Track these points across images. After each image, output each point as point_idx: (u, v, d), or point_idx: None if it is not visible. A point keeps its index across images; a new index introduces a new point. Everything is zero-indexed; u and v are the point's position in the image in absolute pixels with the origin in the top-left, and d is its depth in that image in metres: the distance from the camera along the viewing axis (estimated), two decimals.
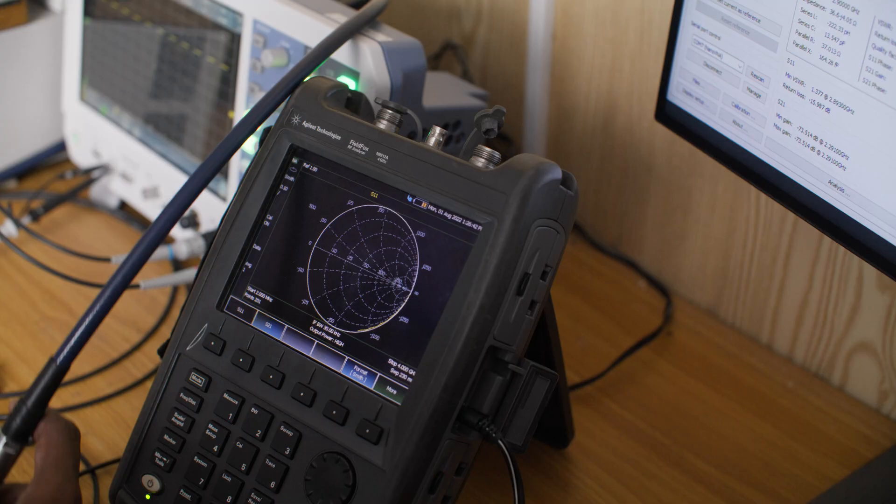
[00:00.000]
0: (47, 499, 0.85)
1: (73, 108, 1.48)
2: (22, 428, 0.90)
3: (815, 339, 1.25)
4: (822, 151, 0.94)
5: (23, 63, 1.48)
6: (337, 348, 0.92)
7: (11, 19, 1.46)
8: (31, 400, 0.90)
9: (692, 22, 1.04)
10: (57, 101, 1.52)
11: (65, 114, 1.50)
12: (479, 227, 0.88)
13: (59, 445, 0.88)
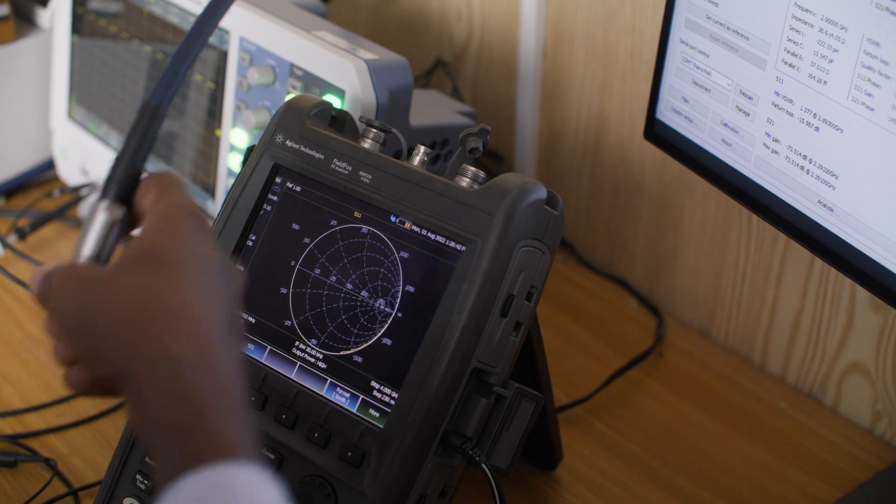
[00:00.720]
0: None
1: (61, 126, 1.47)
2: (124, 186, 0.74)
3: (808, 359, 1.24)
4: (811, 171, 0.93)
5: (10, 80, 1.48)
6: (319, 370, 0.91)
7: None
8: (128, 150, 0.75)
9: (681, 40, 1.03)
10: (45, 119, 1.51)
11: (53, 131, 1.49)
12: (463, 247, 0.87)
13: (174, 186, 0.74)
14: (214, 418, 0.63)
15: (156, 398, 0.64)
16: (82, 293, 0.67)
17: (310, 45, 1.10)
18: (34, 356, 1.26)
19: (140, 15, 1.32)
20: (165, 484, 0.62)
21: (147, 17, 1.31)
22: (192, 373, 0.64)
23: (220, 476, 0.61)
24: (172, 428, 0.63)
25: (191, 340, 0.65)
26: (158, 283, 0.67)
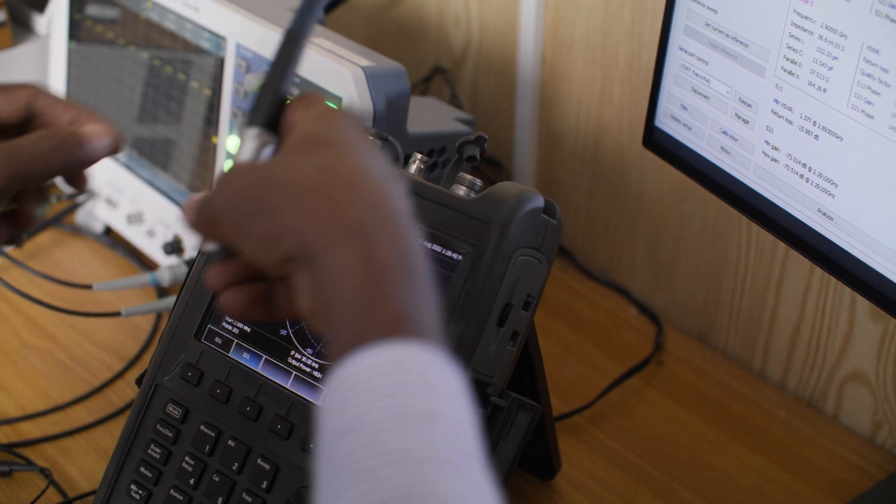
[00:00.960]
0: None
1: None
2: (271, 112, 0.72)
3: (808, 367, 1.23)
4: (810, 179, 0.92)
5: None
6: (315, 380, 0.90)
7: None
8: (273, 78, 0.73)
9: (680, 47, 1.02)
10: None
11: None
12: (459, 256, 0.86)
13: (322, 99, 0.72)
14: (395, 291, 0.61)
15: (336, 268, 0.61)
16: (252, 178, 0.66)
17: (307, 53, 1.09)
18: (30, 364, 1.26)
19: (137, 21, 1.31)
20: (336, 360, 0.60)
21: (144, 24, 1.30)
22: (375, 239, 0.62)
23: (395, 353, 0.59)
24: (350, 301, 0.61)
25: (373, 208, 0.63)
26: (331, 158, 0.66)
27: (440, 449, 0.58)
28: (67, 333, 1.30)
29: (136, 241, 1.39)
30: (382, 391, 0.58)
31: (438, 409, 0.59)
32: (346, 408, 0.59)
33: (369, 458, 0.57)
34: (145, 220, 1.36)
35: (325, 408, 0.60)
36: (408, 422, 0.57)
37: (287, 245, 0.63)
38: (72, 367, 1.26)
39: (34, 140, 0.81)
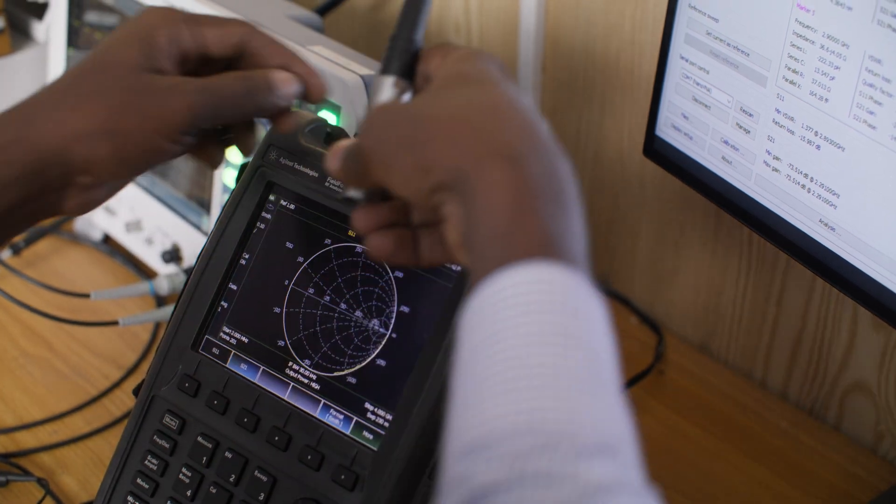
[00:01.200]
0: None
1: None
2: (405, 60, 0.75)
3: (810, 378, 1.22)
4: (812, 189, 0.91)
5: (6, 94, 1.46)
6: (313, 391, 0.90)
7: None
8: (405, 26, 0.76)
9: (680, 55, 1.01)
10: None
11: None
12: (458, 267, 0.86)
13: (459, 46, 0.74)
14: (544, 214, 0.61)
15: (487, 191, 0.62)
16: (403, 113, 0.68)
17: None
18: (27, 373, 1.25)
19: None
20: (480, 279, 0.61)
21: None
22: (527, 164, 0.63)
23: (541, 273, 0.60)
24: (499, 222, 0.61)
25: (524, 135, 0.64)
26: (480, 92, 0.67)
27: (577, 369, 0.58)
28: (65, 342, 1.29)
29: (134, 250, 1.38)
30: (525, 308, 0.59)
31: (579, 332, 0.59)
32: (488, 322, 0.59)
33: (506, 372, 0.58)
34: (144, 227, 1.35)
35: (465, 323, 0.61)
36: (548, 340, 0.58)
37: (439, 173, 0.64)
38: (69, 377, 1.25)
39: (228, 82, 0.81)
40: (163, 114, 0.78)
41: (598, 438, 0.57)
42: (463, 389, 0.61)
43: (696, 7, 0.98)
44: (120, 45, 0.80)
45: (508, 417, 0.57)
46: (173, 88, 0.78)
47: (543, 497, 0.55)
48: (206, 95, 0.79)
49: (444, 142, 0.65)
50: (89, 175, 0.78)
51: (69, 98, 0.78)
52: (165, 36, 0.80)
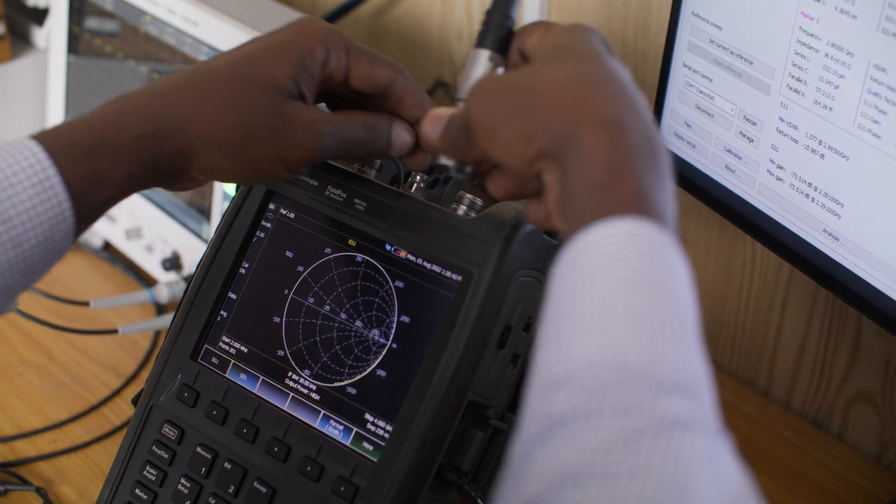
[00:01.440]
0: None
1: None
2: (501, 34, 0.78)
3: (813, 387, 1.21)
4: (816, 199, 0.91)
5: (6, 100, 1.46)
6: (312, 402, 0.89)
7: None
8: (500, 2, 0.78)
9: (683, 63, 1.01)
10: None
11: None
12: (459, 277, 0.85)
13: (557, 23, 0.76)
14: (638, 174, 0.64)
15: (585, 152, 0.65)
16: (508, 83, 0.70)
17: None
18: (27, 381, 1.25)
19: (136, 35, 1.30)
20: (577, 222, 0.64)
21: (143, 37, 1.29)
22: (624, 129, 0.65)
23: (633, 226, 0.62)
24: (594, 179, 0.64)
25: (623, 103, 0.67)
26: (582, 63, 0.70)
27: (660, 315, 0.61)
28: (65, 350, 1.29)
29: (134, 257, 1.38)
30: (615, 257, 0.62)
31: (663, 282, 0.62)
32: (577, 270, 0.63)
33: (592, 314, 0.61)
34: (144, 235, 1.35)
35: (555, 273, 0.65)
36: (633, 286, 0.61)
37: (541, 140, 0.67)
38: (69, 385, 1.24)
39: (356, 127, 0.82)
40: (292, 146, 0.79)
41: (678, 378, 0.59)
42: (548, 332, 0.63)
43: (699, 14, 0.98)
44: (272, 61, 0.80)
45: (591, 354, 0.60)
46: (309, 126, 0.79)
47: (620, 425, 0.57)
48: (335, 138, 0.81)
49: (547, 109, 0.67)
50: (203, 174, 0.80)
51: (209, 104, 0.79)
52: (319, 60, 0.81)
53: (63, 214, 0.74)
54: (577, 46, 0.71)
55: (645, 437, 0.57)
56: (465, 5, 1.43)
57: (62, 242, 0.75)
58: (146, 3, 1.27)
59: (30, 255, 0.73)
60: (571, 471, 0.57)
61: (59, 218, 0.74)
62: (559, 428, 0.59)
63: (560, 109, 0.67)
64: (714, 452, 0.58)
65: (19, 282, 0.74)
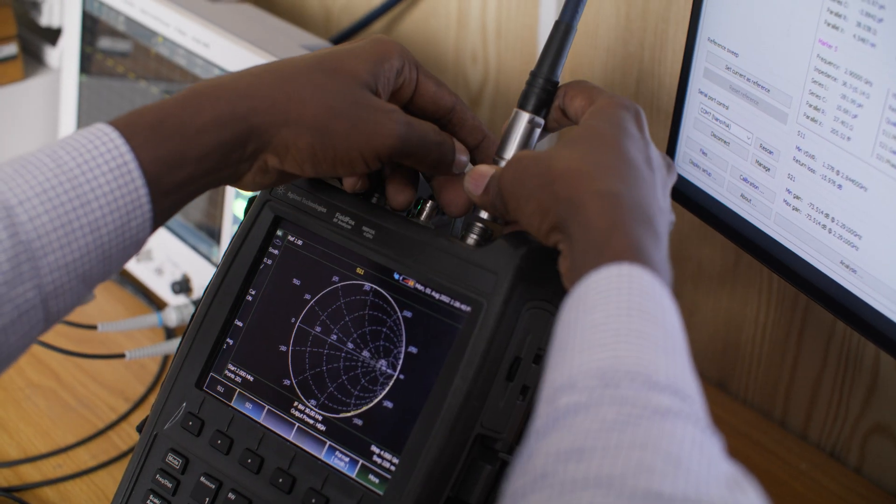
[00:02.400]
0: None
1: None
2: (542, 97, 0.87)
3: (830, 418, 1.19)
4: (833, 230, 0.89)
5: (19, 119, 1.45)
6: (318, 432, 0.88)
7: (7, 75, 1.43)
8: (546, 64, 0.88)
9: (699, 90, 0.99)
10: None
11: None
12: (468, 308, 0.83)
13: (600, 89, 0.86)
14: (633, 232, 0.72)
15: (589, 221, 0.73)
16: (536, 165, 0.78)
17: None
18: (34, 404, 1.23)
19: (147, 55, 1.29)
20: (578, 276, 0.71)
21: (154, 58, 1.28)
22: (623, 200, 0.73)
23: (627, 270, 0.69)
24: (594, 239, 0.72)
25: (628, 180, 0.76)
26: (602, 149, 0.78)
27: (654, 336, 0.67)
28: (73, 373, 1.28)
29: (144, 279, 1.36)
30: (616, 292, 0.69)
31: (656, 312, 0.69)
32: (577, 306, 0.70)
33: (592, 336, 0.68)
34: (154, 257, 1.33)
35: (559, 316, 0.71)
36: (632, 313, 0.68)
37: (553, 215, 0.75)
38: (76, 408, 1.23)
39: (430, 131, 0.84)
40: (371, 133, 0.81)
41: (670, 381, 0.65)
42: (553, 359, 0.70)
43: (715, 41, 0.96)
44: (354, 58, 0.83)
45: (591, 363, 0.66)
46: (389, 114, 0.82)
47: (618, 411, 0.64)
48: (412, 133, 0.82)
49: (561, 188, 0.75)
50: (278, 159, 0.80)
51: (292, 86, 0.80)
52: (395, 68, 0.85)
53: (140, 200, 0.74)
54: (601, 129, 0.80)
55: (641, 420, 0.63)
56: (480, 27, 1.41)
57: (139, 231, 0.75)
58: (158, 24, 1.26)
59: (107, 240, 0.73)
60: (576, 447, 0.63)
61: (136, 204, 0.74)
62: (563, 419, 0.65)
63: (568, 187, 0.75)
64: (705, 443, 0.63)
65: (97, 269, 0.74)
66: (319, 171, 0.81)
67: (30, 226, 0.70)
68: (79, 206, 0.72)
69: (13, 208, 0.70)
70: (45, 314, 0.73)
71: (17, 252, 0.70)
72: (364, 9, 1.57)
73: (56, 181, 0.71)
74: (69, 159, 0.72)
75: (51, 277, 0.71)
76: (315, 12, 1.66)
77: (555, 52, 0.87)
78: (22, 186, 0.71)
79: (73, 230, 0.72)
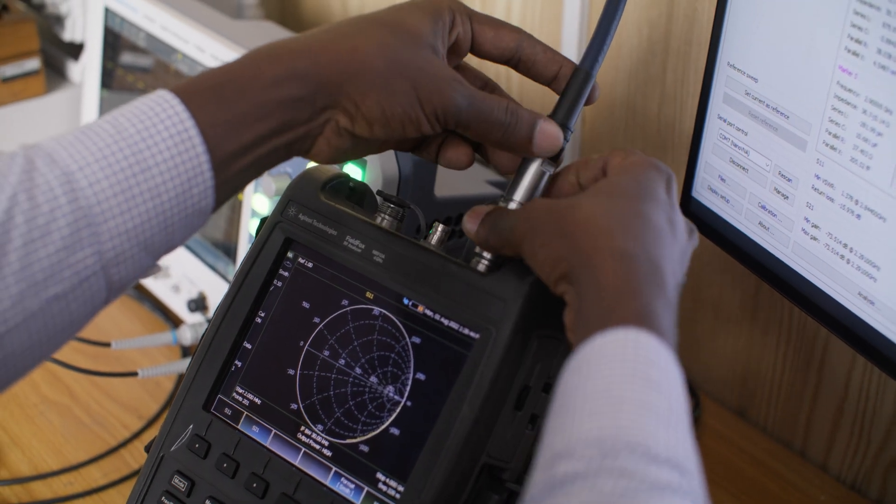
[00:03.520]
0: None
1: None
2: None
3: (851, 450, 1.17)
4: (851, 260, 0.87)
5: (40, 133, 1.45)
6: (324, 458, 0.86)
7: (30, 90, 1.43)
8: (562, 110, 0.85)
9: (718, 115, 0.98)
10: None
11: None
12: (477, 335, 0.82)
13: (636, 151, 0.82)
14: (646, 298, 0.70)
15: (601, 281, 0.71)
16: (555, 213, 0.77)
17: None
18: (47, 420, 1.23)
19: (167, 72, 1.29)
20: (585, 336, 0.70)
21: (174, 75, 1.28)
22: (638, 263, 0.72)
23: (632, 334, 0.68)
24: (604, 302, 0.71)
25: (645, 241, 0.74)
26: (622, 202, 0.76)
27: (655, 406, 0.66)
28: (87, 389, 1.27)
29: (161, 296, 1.36)
30: (621, 358, 0.68)
31: (659, 380, 0.67)
32: (581, 369, 0.68)
33: (593, 403, 0.66)
34: (171, 274, 1.33)
35: (562, 377, 0.70)
36: (636, 381, 0.67)
37: (564, 265, 0.74)
38: (89, 426, 1.23)
39: (494, 106, 0.82)
40: (430, 97, 0.79)
41: (669, 455, 0.64)
42: (552, 423, 0.68)
43: (734, 66, 0.95)
44: (413, 15, 0.82)
45: (591, 432, 0.65)
46: (450, 83, 0.80)
47: (615, 484, 0.62)
48: (473, 108, 0.81)
49: (576, 239, 0.74)
50: (349, 119, 0.78)
51: (355, 42, 0.79)
52: (448, 21, 0.83)
53: (201, 167, 0.73)
54: (628, 187, 0.78)
55: (639, 494, 0.62)
56: None
57: (200, 198, 0.74)
58: (177, 41, 1.26)
59: (168, 207, 0.72)
60: None
61: (198, 170, 0.73)
62: (560, 488, 0.64)
63: (584, 240, 0.74)
64: None
65: (159, 237, 0.73)
66: (389, 132, 0.80)
67: (90, 191, 0.70)
68: (139, 171, 0.71)
69: (73, 174, 0.69)
70: (106, 282, 0.72)
71: (77, 217, 0.69)
72: None
73: (116, 147, 0.71)
74: (129, 126, 0.72)
75: (111, 244, 0.71)
76: None
77: (571, 100, 0.85)
78: (82, 153, 0.70)
79: (133, 196, 0.71)
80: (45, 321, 0.70)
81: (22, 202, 0.68)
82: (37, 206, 0.68)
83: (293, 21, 1.75)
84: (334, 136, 0.79)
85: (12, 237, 0.67)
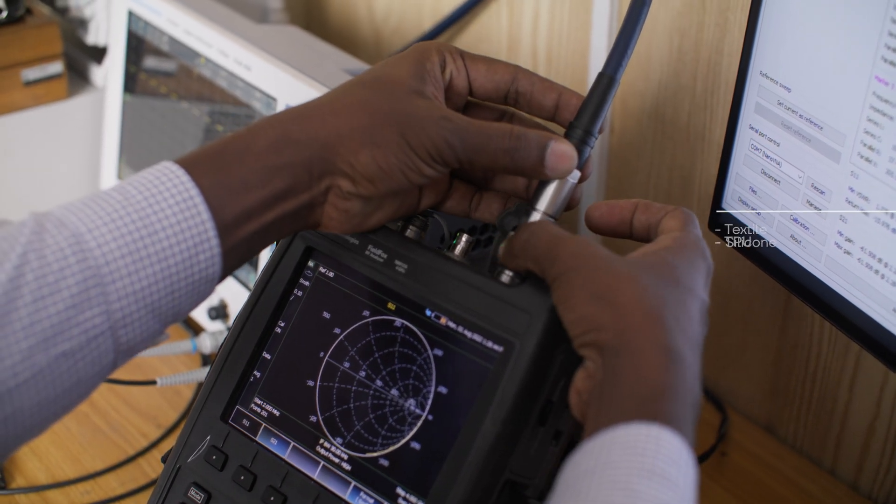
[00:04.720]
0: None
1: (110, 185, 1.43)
2: (581, 150, 0.84)
3: (883, 469, 1.15)
4: (886, 276, 0.85)
5: (63, 137, 1.44)
6: (343, 472, 0.85)
7: (52, 93, 1.42)
8: (585, 116, 0.84)
9: (750, 125, 0.95)
10: (94, 179, 1.47)
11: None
12: (500, 348, 0.80)
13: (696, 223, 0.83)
14: (682, 401, 0.70)
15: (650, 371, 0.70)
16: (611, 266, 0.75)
17: None
18: (65, 427, 1.22)
19: (190, 76, 1.27)
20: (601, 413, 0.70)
21: (196, 79, 1.26)
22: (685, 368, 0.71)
23: (652, 430, 0.68)
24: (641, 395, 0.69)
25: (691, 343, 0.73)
26: (674, 291, 0.75)
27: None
28: (106, 396, 1.26)
29: None
30: (641, 451, 0.67)
31: (677, 478, 0.67)
32: (605, 452, 0.68)
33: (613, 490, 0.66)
34: None
35: (574, 458, 0.70)
36: (654, 476, 0.66)
37: (605, 335, 0.72)
38: (107, 433, 1.21)
39: (494, 134, 0.80)
40: (420, 139, 0.78)
41: None
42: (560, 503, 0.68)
43: (767, 75, 0.92)
44: (394, 66, 0.83)
45: None
46: (437, 121, 0.79)
47: None
48: (465, 140, 0.79)
49: (622, 316, 0.72)
50: (350, 181, 0.79)
51: (337, 104, 0.80)
52: (437, 63, 0.84)
53: (206, 234, 0.74)
54: (679, 272, 0.76)
55: None
56: (531, 52, 1.39)
57: (207, 265, 0.75)
58: (201, 45, 1.25)
59: (175, 271, 0.74)
60: None
61: (203, 237, 0.74)
62: None
63: (633, 322, 0.72)
64: None
65: (166, 301, 0.74)
66: (393, 184, 0.79)
67: (98, 252, 0.71)
68: (146, 234, 0.73)
69: (82, 235, 0.71)
70: (114, 343, 0.73)
71: (87, 276, 0.70)
72: (415, 32, 1.55)
73: (124, 212, 0.73)
74: (136, 193, 0.74)
75: (119, 304, 0.72)
76: (366, 35, 1.64)
77: (595, 106, 0.84)
78: (91, 217, 0.72)
79: (140, 258, 0.72)
80: (52, 378, 0.71)
81: (32, 260, 0.69)
82: (46, 263, 0.70)
83: (318, 25, 1.73)
84: (340, 201, 0.80)
85: (23, 293, 0.69)
